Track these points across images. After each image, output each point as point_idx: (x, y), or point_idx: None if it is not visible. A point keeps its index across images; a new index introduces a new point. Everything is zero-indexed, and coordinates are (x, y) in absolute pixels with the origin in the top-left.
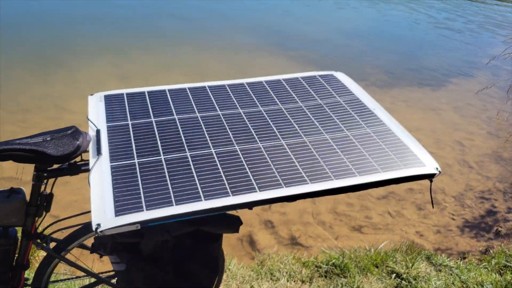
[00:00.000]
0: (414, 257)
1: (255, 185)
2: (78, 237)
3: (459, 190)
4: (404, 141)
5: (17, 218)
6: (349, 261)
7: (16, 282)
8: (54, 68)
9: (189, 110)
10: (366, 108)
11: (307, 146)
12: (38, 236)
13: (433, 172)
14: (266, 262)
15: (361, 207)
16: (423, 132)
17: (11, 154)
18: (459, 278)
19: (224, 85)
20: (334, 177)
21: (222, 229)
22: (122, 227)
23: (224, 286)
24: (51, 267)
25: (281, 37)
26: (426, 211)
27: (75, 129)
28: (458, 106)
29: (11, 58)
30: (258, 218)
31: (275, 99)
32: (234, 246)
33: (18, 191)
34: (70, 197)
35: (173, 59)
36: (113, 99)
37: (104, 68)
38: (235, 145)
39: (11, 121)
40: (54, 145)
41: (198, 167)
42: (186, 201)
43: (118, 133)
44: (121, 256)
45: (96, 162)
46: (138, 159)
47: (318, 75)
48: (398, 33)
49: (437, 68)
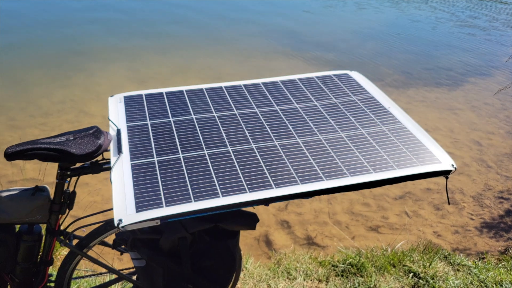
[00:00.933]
0: (432, 256)
1: (271, 182)
2: (99, 234)
3: (478, 190)
4: (419, 138)
5: (42, 215)
6: (365, 261)
7: (41, 278)
8: (74, 72)
9: (206, 110)
10: (381, 107)
11: (322, 144)
12: (62, 233)
13: (448, 169)
14: (283, 261)
15: (378, 207)
16: (440, 132)
17: (36, 153)
18: (478, 277)
19: (240, 85)
20: (350, 174)
21: (239, 226)
22: (142, 222)
23: (241, 284)
24: (74, 264)
25: (299, 39)
26: (444, 211)
27: (97, 128)
28: (475, 105)
29: (32, 63)
30: (275, 218)
31: (291, 98)
32: (251, 245)
33: (42, 189)
34: (89, 198)
35: (189, 63)
36: (133, 100)
37: (122, 72)
38: (251, 143)
39: (33, 125)
40: (77, 144)
41: (216, 164)
42: (204, 197)
43: (137, 132)
44: (141, 252)
45: (117, 160)
46: (157, 157)
47: (333, 75)
48: (416, 32)
49: (454, 68)
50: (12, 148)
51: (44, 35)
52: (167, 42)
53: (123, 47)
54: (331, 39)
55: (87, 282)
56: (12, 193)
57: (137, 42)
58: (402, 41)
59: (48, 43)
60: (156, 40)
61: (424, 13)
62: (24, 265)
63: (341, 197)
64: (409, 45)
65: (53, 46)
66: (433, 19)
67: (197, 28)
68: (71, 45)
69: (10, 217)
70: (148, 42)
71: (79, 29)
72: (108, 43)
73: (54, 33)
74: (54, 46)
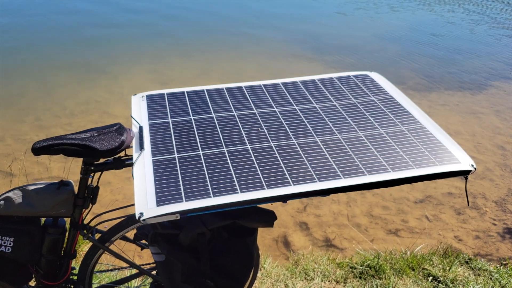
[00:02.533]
0: (452, 260)
1: (289, 179)
2: (121, 229)
3: (501, 195)
4: (439, 138)
5: (66, 209)
6: (384, 263)
7: (64, 270)
8: (98, 74)
9: (226, 109)
10: (401, 107)
11: (340, 143)
12: (85, 227)
13: (468, 169)
14: (301, 262)
15: (398, 211)
16: (462, 136)
17: (62, 149)
18: (499, 282)
19: (260, 85)
20: (368, 172)
21: (257, 223)
22: (162, 216)
23: (258, 283)
24: (96, 258)
25: (322, 42)
26: (465, 215)
27: (120, 125)
28: (499, 109)
29: (58, 65)
30: (293, 220)
31: (310, 98)
32: (269, 246)
33: (67, 183)
34: (111, 197)
35: (212, 66)
36: (155, 98)
37: (145, 75)
38: (270, 141)
39: (58, 125)
40: (101, 140)
41: (235, 161)
42: (223, 193)
43: (159, 130)
44: (161, 246)
45: (139, 156)
46: (178, 153)
47: (352, 75)
48: (439, 35)
49: (477, 71)
50: (39, 143)
51: (70, 38)
52: (190, 45)
53: (147, 51)
54: (355, 42)
55: (108, 277)
56: (38, 187)
57: (160, 45)
58: (425, 45)
59: (74, 46)
60: (179, 44)
61: (458, 15)
62: (49, 257)
63: (360, 199)
64: (432, 48)
65: (78, 49)
66: (466, 21)
67: (220, 32)
68: (96, 48)
69: (36, 210)
70: (171, 45)
71: (104, 32)
72: (132, 46)
73: (80, 36)
74: (80, 49)
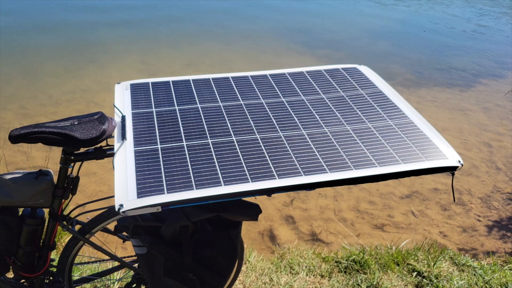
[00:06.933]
0: (437, 256)
1: (274, 172)
2: (102, 221)
3: (486, 192)
4: (427, 133)
5: (45, 199)
6: (369, 258)
7: (42, 262)
8: (86, 63)
9: (212, 99)
10: (389, 101)
11: (327, 136)
12: (64, 218)
13: (455, 165)
14: (286, 256)
15: (384, 206)
16: (450, 132)
17: (40, 137)
18: (483, 278)
19: (247, 76)
20: (354, 167)
21: (241, 217)
22: (143, 208)
23: (243, 276)
24: (76, 249)
25: (311, 36)
26: (451, 211)
27: (101, 114)
28: (487, 107)
29: (45, 53)
30: (279, 214)
31: (297, 90)
32: (254, 239)
33: (46, 173)
34: (95, 187)
35: (201, 57)
36: (139, 87)
37: (133, 65)
38: (256, 133)
39: (43, 113)
40: (81, 129)
41: (219, 153)
42: (206, 185)
43: (142, 119)
44: (142, 239)
45: (120, 146)
46: (161, 144)
47: (341, 68)
48: (432, 31)
49: (466, 68)
50: (16, 131)
51: (57, 26)
52: (179, 36)
53: (135, 41)
54: (345, 37)
55: (90, 269)
56: (15, 176)
57: (149, 36)
58: (415, 41)
59: (62, 34)
60: (168, 35)
61: (438, 14)
62: (26, 248)
63: (347, 194)
64: (422, 44)
65: (66, 37)
66: (456, 18)
67: (210, 24)
68: (84, 37)
69: (13, 200)
70: (160, 36)
71: (93, 21)
72: (120, 36)
73: (68, 25)
74: (67, 38)
